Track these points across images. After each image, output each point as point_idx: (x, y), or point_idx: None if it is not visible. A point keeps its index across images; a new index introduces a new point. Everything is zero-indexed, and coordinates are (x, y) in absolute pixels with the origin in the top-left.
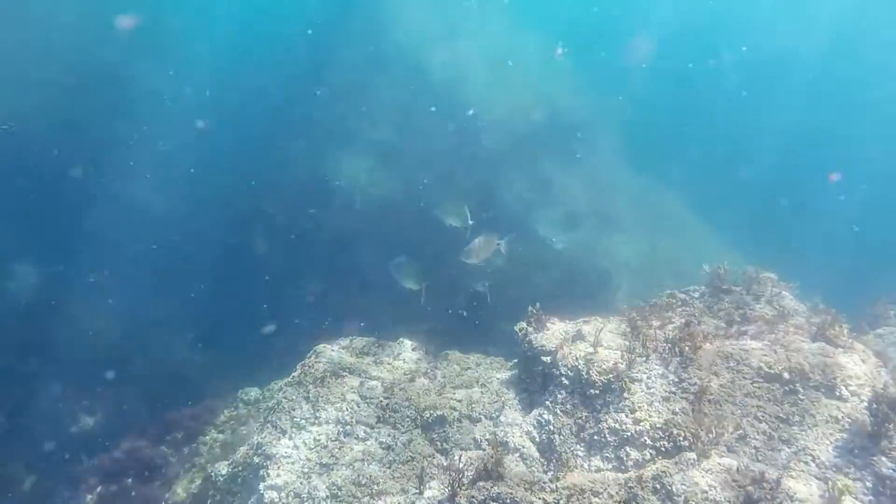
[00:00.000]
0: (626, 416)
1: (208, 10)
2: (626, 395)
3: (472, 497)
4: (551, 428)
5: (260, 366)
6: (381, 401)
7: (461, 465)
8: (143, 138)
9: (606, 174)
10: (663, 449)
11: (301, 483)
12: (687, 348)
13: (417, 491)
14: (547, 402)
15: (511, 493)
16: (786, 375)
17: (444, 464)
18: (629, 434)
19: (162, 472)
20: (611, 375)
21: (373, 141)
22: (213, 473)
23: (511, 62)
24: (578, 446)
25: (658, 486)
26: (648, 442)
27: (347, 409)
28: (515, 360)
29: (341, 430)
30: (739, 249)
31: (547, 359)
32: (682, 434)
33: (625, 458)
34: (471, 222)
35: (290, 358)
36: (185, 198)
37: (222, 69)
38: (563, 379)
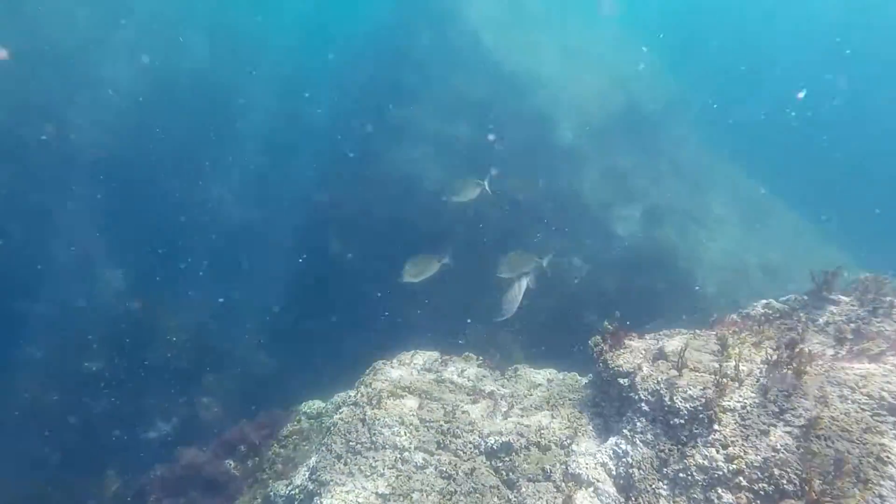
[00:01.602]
0: (717, 451)
1: (282, 9)
2: (716, 426)
3: None
4: (630, 461)
5: (329, 374)
6: (441, 424)
7: (529, 500)
8: (222, 140)
9: (691, 167)
10: (762, 493)
11: None
12: (790, 372)
13: None
14: (624, 431)
15: None
16: None
17: (511, 497)
18: (720, 473)
19: (225, 486)
20: (698, 403)
21: (445, 136)
22: (272, 493)
23: (587, 50)
24: (661, 483)
25: None
26: (744, 483)
27: (405, 434)
28: (590, 379)
29: (398, 456)
30: (847, 252)
31: (624, 381)
32: (786, 476)
33: (716, 501)
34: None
35: (361, 367)
36: (262, 198)
37: (295, 68)
38: (642, 405)
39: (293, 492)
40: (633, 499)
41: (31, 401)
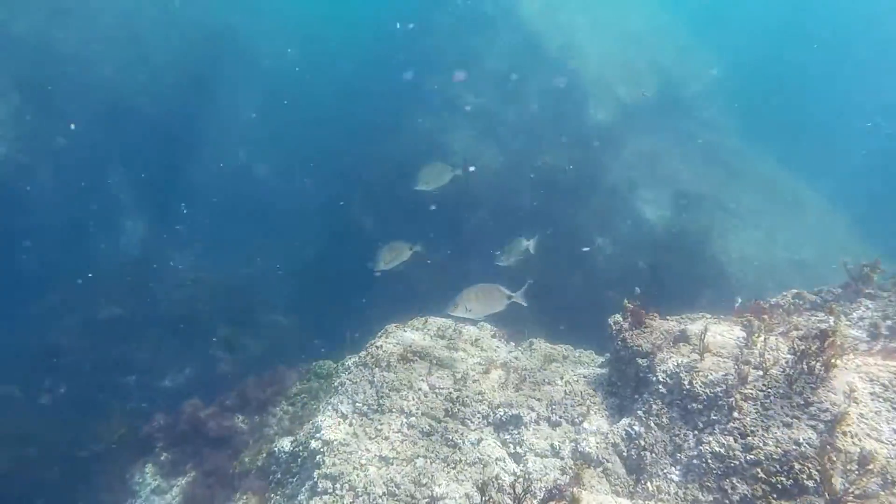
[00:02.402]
0: (735, 440)
1: None
2: (735, 414)
3: None
4: (642, 443)
5: (344, 337)
6: (450, 392)
7: (535, 475)
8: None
9: (725, 153)
10: (780, 487)
11: (357, 475)
12: (818, 365)
13: (484, 501)
14: (639, 412)
15: None
16: None
17: (517, 471)
18: (737, 463)
19: (231, 439)
20: (718, 389)
21: (476, 110)
22: (277, 448)
23: (623, 28)
24: (673, 469)
25: None
26: (761, 475)
27: (413, 399)
28: (606, 357)
29: (405, 421)
30: (883, 247)
31: (643, 361)
32: (807, 472)
33: (729, 492)
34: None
35: (376, 331)
36: (290, 164)
37: (332, 38)
38: (659, 387)
39: (297, 448)
40: (642, 482)
41: (49, 343)
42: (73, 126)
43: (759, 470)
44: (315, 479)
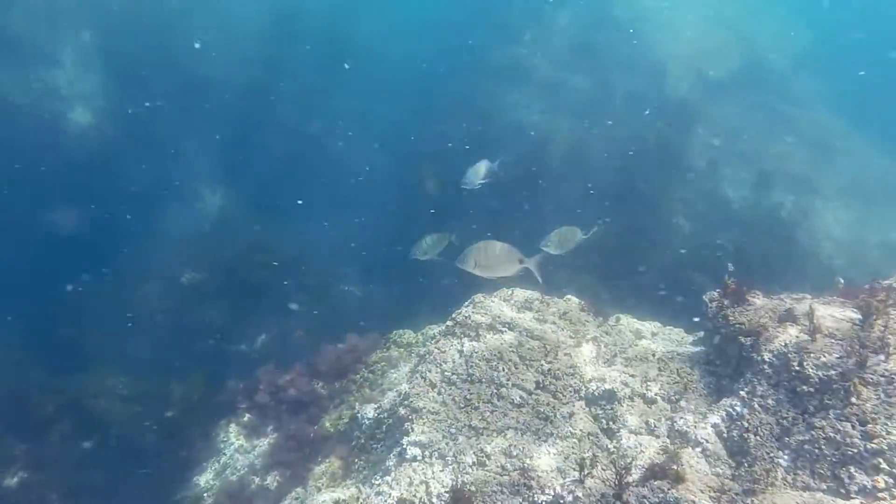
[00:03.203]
0: (854, 427)
1: None
2: (853, 399)
3: (644, 498)
4: (745, 424)
5: (418, 307)
6: (541, 364)
7: (630, 452)
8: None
9: (815, 131)
10: None
11: (447, 444)
12: None
13: (577, 478)
14: (741, 393)
15: (694, 502)
16: None
17: (610, 446)
18: (855, 451)
19: (310, 404)
20: (833, 372)
21: (549, 83)
22: (359, 415)
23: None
24: (781, 453)
25: None
26: (884, 466)
27: (503, 370)
28: (700, 336)
29: (495, 391)
30: None
31: (746, 340)
32: None
33: (846, 481)
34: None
35: (453, 301)
36: (365, 134)
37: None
38: (765, 367)
39: (382, 415)
40: (745, 465)
41: (135, 305)
42: (151, 103)
43: (881, 460)
44: (404, 446)
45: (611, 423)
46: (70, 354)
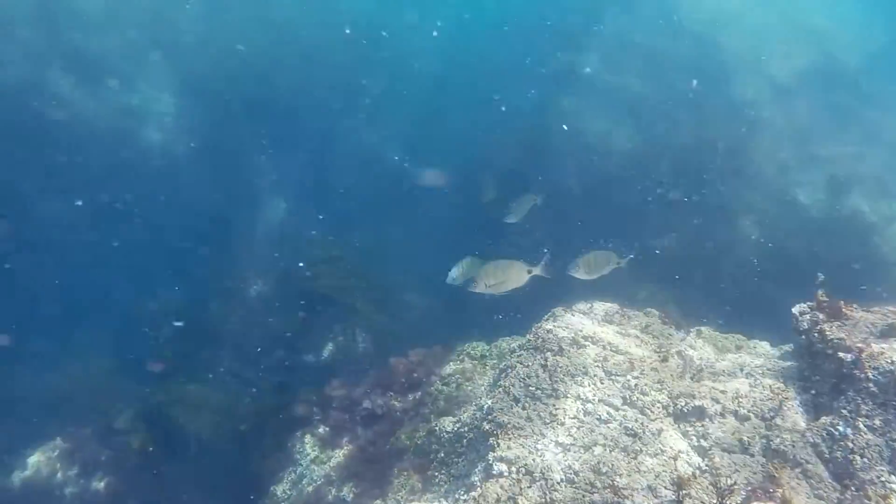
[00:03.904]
0: None
1: None
2: None
3: None
4: (850, 445)
5: (484, 319)
6: (627, 380)
7: (724, 471)
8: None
9: (888, 131)
10: None
11: (534, 460)
12: None
13: (674, 498)
14: (843, 411)
15: None
16: None
17: (702, 465)
18: None
19: (383, 417)
20: None
21: (612, 88)
22: (438, 428)
23: None
24: (893, 477)
25: None
26: None
27: (589, 385)
28: (788, 349)
29: (581, 407)
30: None
31: (846, 356)
32: None
33: None
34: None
35: (525, 314)
36: (423, 143)
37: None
38: (870, 385)
39: (462, 429)
40: (852, 488)
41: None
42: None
43: None
44: (490, 461)
45: (702, 440)
46: (151, 365)
